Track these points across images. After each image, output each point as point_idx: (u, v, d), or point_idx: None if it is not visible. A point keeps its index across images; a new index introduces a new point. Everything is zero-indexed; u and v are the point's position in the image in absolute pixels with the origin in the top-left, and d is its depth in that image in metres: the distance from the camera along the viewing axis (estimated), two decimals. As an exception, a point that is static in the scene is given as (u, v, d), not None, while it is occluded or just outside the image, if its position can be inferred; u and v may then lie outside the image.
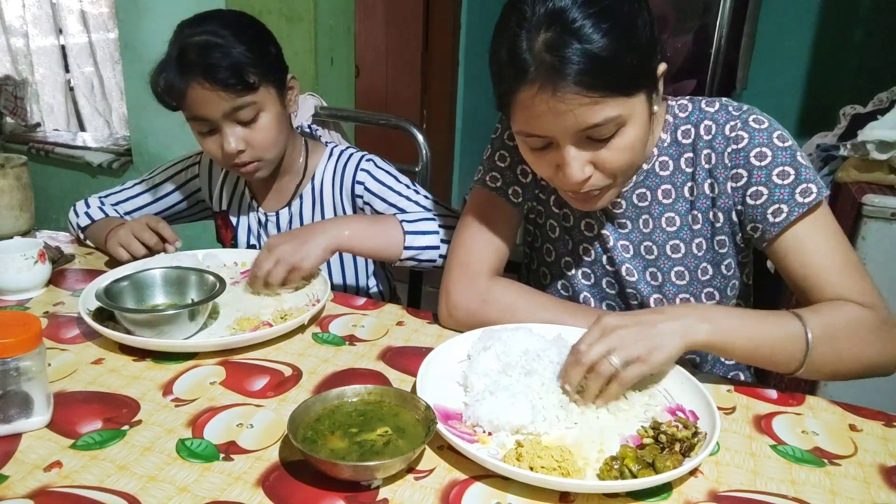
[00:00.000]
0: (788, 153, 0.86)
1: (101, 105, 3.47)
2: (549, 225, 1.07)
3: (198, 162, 1.36)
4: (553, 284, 1.09)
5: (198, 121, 1.12)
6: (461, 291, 0.98)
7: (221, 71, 1.06)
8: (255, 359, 0.89)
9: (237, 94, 1.08)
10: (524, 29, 0.75)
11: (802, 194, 0.85)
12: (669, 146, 0.94)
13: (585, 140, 0.80)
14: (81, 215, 1.31)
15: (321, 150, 1.30)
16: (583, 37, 0.72)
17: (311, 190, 1.27)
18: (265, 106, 1.13)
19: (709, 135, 0.91)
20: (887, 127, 1.73)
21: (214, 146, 1.14)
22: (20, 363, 0.69)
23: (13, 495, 0.61)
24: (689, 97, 0.95)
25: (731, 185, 0.90)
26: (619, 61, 0.74)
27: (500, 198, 1.03)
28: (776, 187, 0.86)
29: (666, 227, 0.96)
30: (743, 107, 0.91)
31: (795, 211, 0.85)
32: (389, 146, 2.20)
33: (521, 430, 0.73)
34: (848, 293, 0.83)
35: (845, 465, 0.71)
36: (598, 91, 0.74)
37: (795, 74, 2.97)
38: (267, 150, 1.16)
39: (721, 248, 0.94)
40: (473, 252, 1.01)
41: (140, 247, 1.15)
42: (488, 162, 1.06)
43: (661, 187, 0.95)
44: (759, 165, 0.87)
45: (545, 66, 0.74)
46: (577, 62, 0.73)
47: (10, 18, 3.28)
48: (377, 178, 1.24)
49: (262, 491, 0.64)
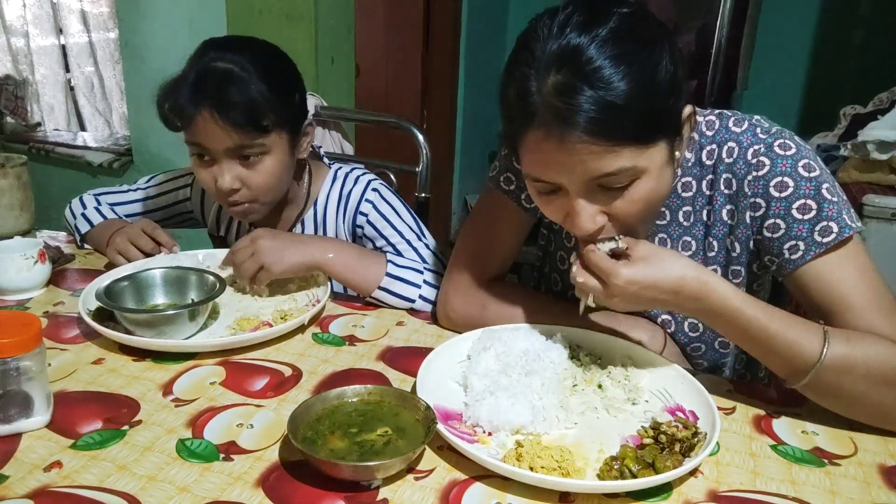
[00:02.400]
0: (813, 185, 0.78)
1: (101, 105, 3.47)
2: (564, 233, 1.03)
3: (189, 185, 1.32)
4: (564, 292, 1.07)
5: (196, 146, 1.06)
6: (460, 297, 0.98)
7: (235, 108, 1.00)
8: (255, 359, 0.89)
9: (247, 135, 1.02)
10: (533, 69, 0.70)
11: (822, 233, 0.78)
12: (693, 166, 0.88)
13: (597, 189, 0.74)
14: (79, 217, 1.28)
15: (324, 173, 1.24)
16: (595, 81, 0.66)
17: (314, 216, 1.23)
18: (272, 150, 1.07)
19: (730, 158, 0.84)
20: (887, 127, 1.74)
21: (209, 177, 1.07)
22: (20, 363, 0.69)
23: (13, 495, 0.61)
24: (719, 112, 0.88)
25: (751, 215, 0.84)
26: (635, 109, 0.67)
27: (512, 201, 0.99)
28: (794, 222, 0.79)
29: (681, 251, 0.91)
30: (773, 129, 0.83)
31: (812, 250, 0.78)
32: (389, 146, 2.21)
33: (521, 430, 0.73)
34: (879, 323, 0.75)
35: (845, 465, 0.71)
36: (610, 140, 0.68)
37: (795, 75, 2.97)
38: (264, 194, 1.09)
39: (735, 279, 0.90)
40: (477, 256, 0.99)
41: (137, 253, 1.13)
42: (505, 159, 1.00)
43: (683, 209, 0.90)
44: (778, 196, 0.80)
45: (552, 112, 0.68)
46: (587, 110, 0.66)
47: (10, 18, 3.28)
48: (381, 212, 1.18)
49: (262, 491, 0.64)
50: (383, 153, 1.70)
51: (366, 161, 1.65)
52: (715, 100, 2.70)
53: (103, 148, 3.05)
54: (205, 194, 1.31)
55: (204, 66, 1.02)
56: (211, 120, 1.00)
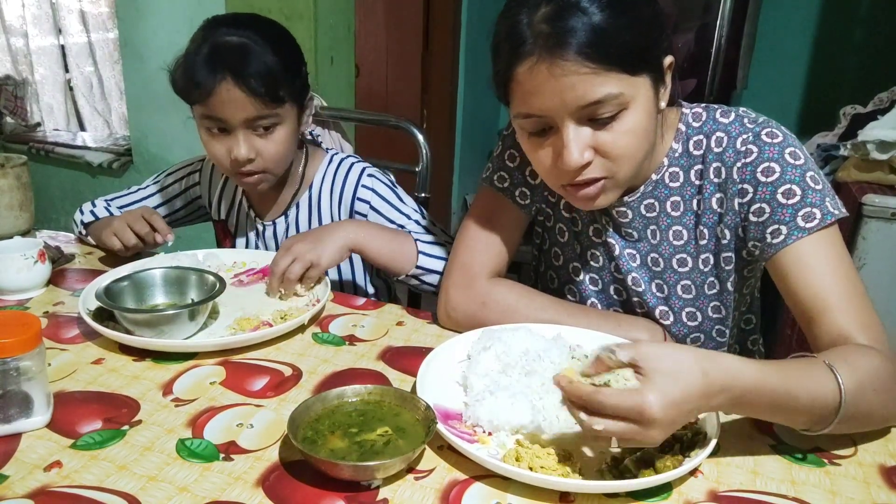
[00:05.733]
0: (798, 171, 0.82)
1: (100, 105, 3.46)
2: (558, 229, 1.05)
3: (199, 169, 1.35)
4: (560, 289, 1.08)
5: (213, 120, 1.08)
6: (461, 294, 0.98)
7: (255, 78, 1.04)
8: (255, 359, 0.89)
9: (264, 105, 1.06)
10: (525, 7, 0.75)
11: (805, 218, 0.80)
12: (680, 157, 0.90)
13: (586, 122, 0.77)
14: (87, 213, 1.31)
15: (320, 157, 1.28)
16: (584, 8, 0.72)
17: (308, 199, 1.26)
18: (284, 121, 1.11)
19: (719, 147, 0.87)
20: (887, 127, 1.74)
21: (222, 149, 1.10)
22: (20, 363, 0.69)
23: (13, 495, 0.61)
24: (706, 105, 0.91)
25: (738, 202, 0.86)
26: (619, 34, 0.73)
27: (507, 199, 1.02)
28: (779, 206, 0.82)
29: (673, 241, 0.93)
30: (759, 119, 0.87)
31: (794, 234, 0.81)
32: (389, 146, 2.21)
33: (521, 430, 0.73)
34: (853, 324, 0.77)
35: (845, 465, 0.71)
36: (597, 62, 0.72)
37: (795, 74, 2.97)
38: (276, 164, 1.14)
39: (727, 265, 0.91)
40: (475, 254, 1.00)
41: (132, 236, 1.14)
42: (497, 160, 1.03)
43: (670, 199, 0.92)
44: (764, 181, 0.83)
45: (543, 37, 0.73)
46: (576, 31, 0.72)
47: (9, 18, 3.28)
48: (382, 196, 1.22)
49: (262, 491, 0.64)
50: (383, 153, 1.70)
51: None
52: (715, 99, 2.70)
53: (103, 148, 3.05)
54: (211, 178, 1.34)
55: (218, 39, 1.05)
56: (233, 89, 1.04)
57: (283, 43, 1.11)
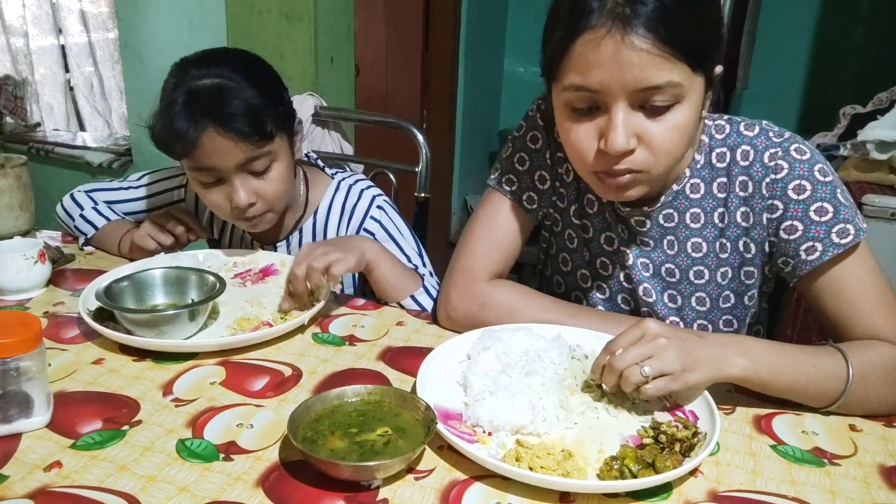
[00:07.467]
0: (829, 189, 0.82)
1: (100, 105, 3.46)
2: (567, 235, 1.04)
3: (183, 185, 1.30)
4: (567, 294, 1.07)
5: (204, 171, 1.03)
6: (460, 295, 0.98)
7: (238, 119, 0.98)
8: (255, 359, 0.89)
9: (254, 145, 1.01)
10: None
11: (839, 234, 0.82)
12: (702, 168, 0.90)
13: (637, 107, 0.75)
14: (78, 219, 1.26)
15: (324, 183, 1.24)
16: None
17: (313, 224, 1.22)
18: (279, 156, 1.06)
19: (746, 161, 0.87)
20: (887, 127, 1.74)
21: (220, 198, 1.06)
22: (20, 363, 0.69)
23: (13, 495, 0.61)
24: (728, 117, 0.91)
25: (767, 217, 0.86)
26: (692, 26, 0.72)
27: (514, 202, 1.00)
28: (812, 224, 0.83)
29: (692, 253, 0.93)
30: (784, 133, 0.87)
31: (830, 251, 0.82)
32: (389, 146, 2.20)
33: (521, 430, 0.73)
34: (883, 333, 0.81)
35: (845, 465, 0.71)
36: (667, 46, 0.71)
37: (795, 74, 2.97)
38: (277, 202, 1.09)
39: (748, 280, 0.92)
40: (478, 256, 0.99)
41: (168, 236, 1.15)
42: (506, 162, 1.01)
43: (690, 210, 0.91)
44: (796, 199, 0.83)
45: (615, 13, 0.71)
46: (654, 11, 0.70)
47: (10, 18, 3.28)
48: (388, 231, 1.19)
49: (262, 491, 0.64)
50: (383, 153, 1.70)
51: (365, 161, 1.65)
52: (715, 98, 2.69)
53: (103, 148, 3.05)
54: (197, 198, 1.29)
55: (191, 84, 0.99)
56: (218, 137, 0.98)
57: (259, 73, 1.05)
